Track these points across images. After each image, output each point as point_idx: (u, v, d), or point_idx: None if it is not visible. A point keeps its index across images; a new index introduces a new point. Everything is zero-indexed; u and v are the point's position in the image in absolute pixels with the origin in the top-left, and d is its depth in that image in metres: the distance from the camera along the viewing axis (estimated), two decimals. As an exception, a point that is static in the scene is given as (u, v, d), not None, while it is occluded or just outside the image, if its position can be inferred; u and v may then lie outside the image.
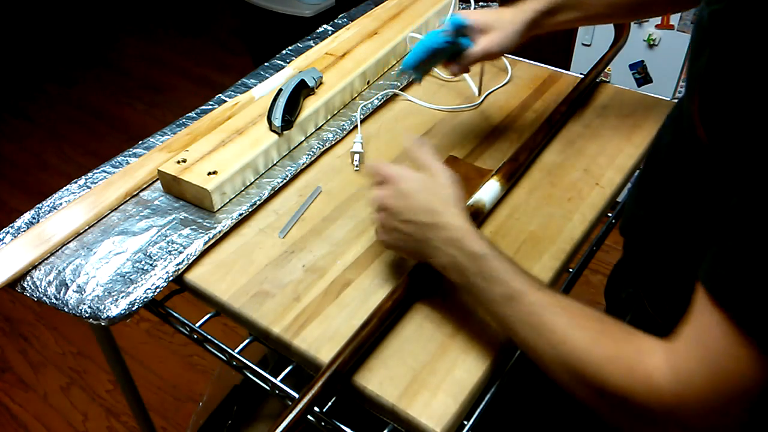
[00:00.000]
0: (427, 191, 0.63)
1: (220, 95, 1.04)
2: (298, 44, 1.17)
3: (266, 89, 0.98)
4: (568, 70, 1.26)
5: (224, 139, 0.87)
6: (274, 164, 0.88)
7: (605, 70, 1.76)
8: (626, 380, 0.46)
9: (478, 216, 0.76)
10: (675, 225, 0.64)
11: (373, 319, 0.64)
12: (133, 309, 0.70)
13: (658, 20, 1.62)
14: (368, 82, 1.03)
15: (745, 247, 0.42)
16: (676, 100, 0.96)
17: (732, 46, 0.48)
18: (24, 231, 0.80)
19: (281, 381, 0.66)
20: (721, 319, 0.43)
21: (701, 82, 0.52)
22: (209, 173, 0.81)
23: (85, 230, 0.81)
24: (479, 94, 1.01)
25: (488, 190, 0.78)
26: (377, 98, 1.00)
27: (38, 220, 0.82)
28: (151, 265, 0.75)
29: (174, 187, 0.84)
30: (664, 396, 0.44)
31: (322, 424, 0.63)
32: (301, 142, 0.92)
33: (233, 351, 0.69)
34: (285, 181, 0.86)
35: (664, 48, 1.63)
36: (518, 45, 0.81)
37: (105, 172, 0.90)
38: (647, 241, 0.70)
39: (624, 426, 0.49)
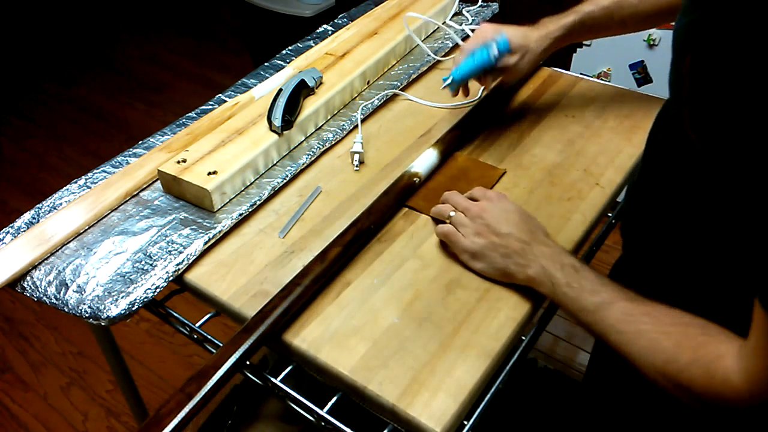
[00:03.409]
0: (520, 213, 0.72)
1: (220, 95, 1.04)
2: (298, 44, 1.17)
3: (266, 89, 0.98)
4: (568, 70, 1.26)
5: (224, 139, 0.87)
6: (274, 164, 0.88)
7: (606, 70, 1.76)
8: (708, 383, 0.52)
9: (413, 185, 0.82)
10: (672, 225, 0.64)
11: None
12: (133, 309, 0.70)
13: (658, 20, 1.62)
14: (368, 82, 1.03)
15: None
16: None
17: (712, 54, 0.50)
18: (24, 231, 0.80)
19: (281, 381, 0.66)
20: None
21: (688, 91, 0.54)
22: (209, 173, 0.81)
23: (85, 230, 0.81)
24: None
25: (425, 160, 0.85)
26: (377, 98, 1.00)
27: (38, 220, 0.82)
28: (151, 265, 0.75)
29: (174, 187, 0.84)
30: (742, 394, 0.51)
31: (323, 424, 0.63)
32: (301, 142, 0.92)
33: (233, 351, 0.69)
34: (285, 181, 0.86)
35: (664, 48, 1.63)
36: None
37: (105, 172, 0.90)
38: (645, 240, 0.71)
39: (713, 413, 0.55)
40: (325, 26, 1.22)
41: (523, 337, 0.70)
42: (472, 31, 1.15)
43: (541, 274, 0.65)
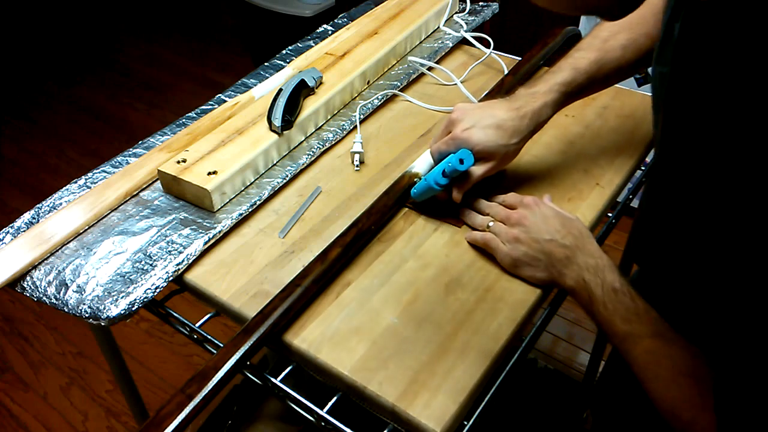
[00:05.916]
0: (561, 217, 0.69)
1: (220, 95, 1.04)
2: (298, 44, 1.17)
3: (266, 89, 0.98)
4: (568, 70, 1.24)
5: (224, 139, 0.87)
6: (274, 164, 0.88)
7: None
8: None
9: (414, 185, 0.80)
10: (682, 253, 0.64)
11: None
12: (133, 309, 0.70)
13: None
14: (368, 82, 1.03)
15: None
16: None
17: (682, 116, 0.49)
18: (24, 231, 0.80)
19: (281, 381, 0.66)
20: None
21: (657, 155, 0.55)
22: (209, 173, 0.81)
23: (85, 230, 0.81)
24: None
25: (425, 160, 0.82)
26: (377, 98, 1.00)
27: (38, 220, 0.82)
28: (151, 265, 0.75)
29: (174, 187, 0.84)
30: None
31: (323, 424, 0.63)
32: (301, 142, 0.92)
33: (233, 351, 0.69)
34: (285, 181, 0.86)
35: (664, 48, 1.63)
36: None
37: (105, 172, 0.90)
38: (659, 260, 0.71)
39: None
40: (325, 26, 1.22)
41: (523, 338, 0.70)
42: (474, 37, 1.15)
43: (581, 288, 0.65)
